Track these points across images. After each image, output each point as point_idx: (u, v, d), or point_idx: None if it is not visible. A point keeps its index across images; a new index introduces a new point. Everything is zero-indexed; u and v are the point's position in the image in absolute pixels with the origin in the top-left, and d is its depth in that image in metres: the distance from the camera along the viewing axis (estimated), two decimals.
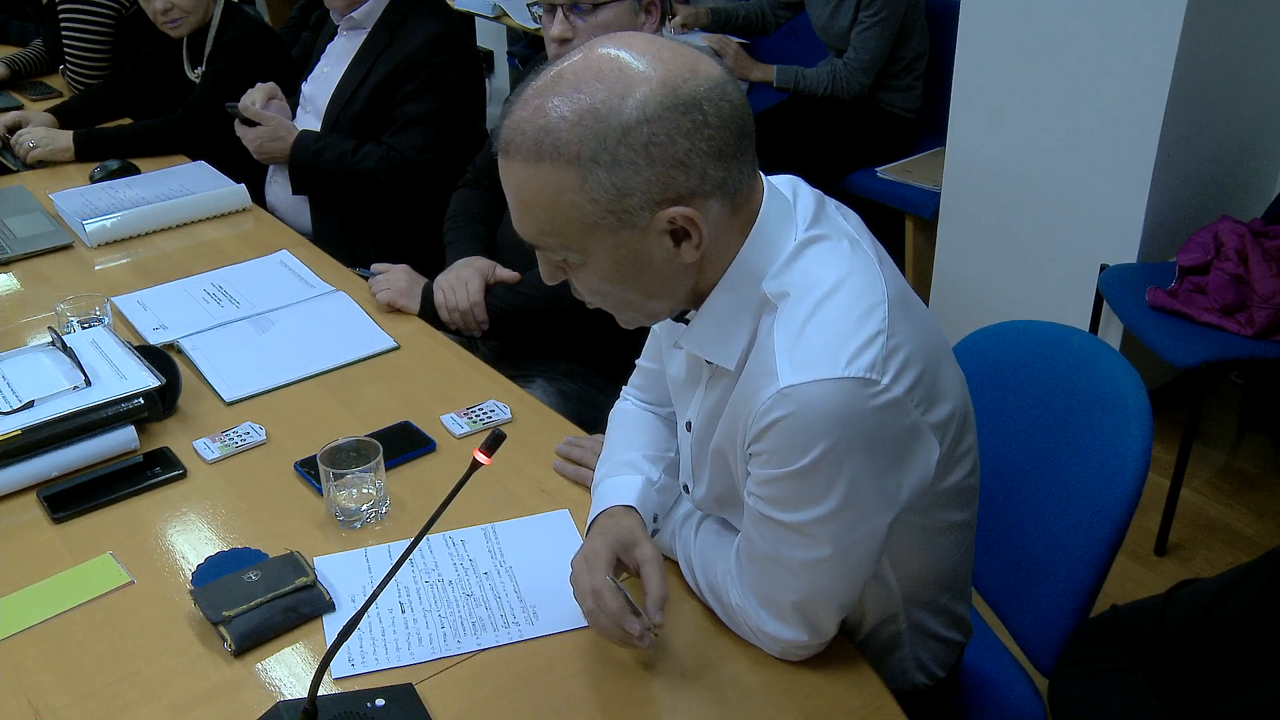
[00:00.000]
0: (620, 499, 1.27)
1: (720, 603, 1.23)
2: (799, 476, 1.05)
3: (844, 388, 1.01)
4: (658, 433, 1.39)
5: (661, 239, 1.04)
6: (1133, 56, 2.62)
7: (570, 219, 1.02)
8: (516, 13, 4.52)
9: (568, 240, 1.04)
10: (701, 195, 1.02)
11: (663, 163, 0.99)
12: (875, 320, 1.04)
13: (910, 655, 1.31)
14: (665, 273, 1.07)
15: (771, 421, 1.03)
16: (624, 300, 1.11)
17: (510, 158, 1.03)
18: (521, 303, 1.97)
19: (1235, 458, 2.94)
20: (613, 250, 1.04)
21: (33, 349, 1.75)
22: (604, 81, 0.99)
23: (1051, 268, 2.99)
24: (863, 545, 1.10)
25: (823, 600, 1.13)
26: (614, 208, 1.01)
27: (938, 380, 1.10)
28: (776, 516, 1.09)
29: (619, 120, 0.98)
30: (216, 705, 1.19)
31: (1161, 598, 1.14)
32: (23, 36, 3.71)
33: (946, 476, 1.15)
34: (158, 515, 1.49)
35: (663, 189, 1.01)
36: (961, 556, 1.29)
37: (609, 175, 0.99)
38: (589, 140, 0.98)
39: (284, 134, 2.48)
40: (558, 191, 1.01)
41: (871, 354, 1.02)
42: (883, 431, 1.05)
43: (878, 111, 3.65)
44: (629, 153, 0.99)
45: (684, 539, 1.29)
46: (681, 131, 0.99)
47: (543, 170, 1.00)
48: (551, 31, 1.86)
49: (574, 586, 1.20)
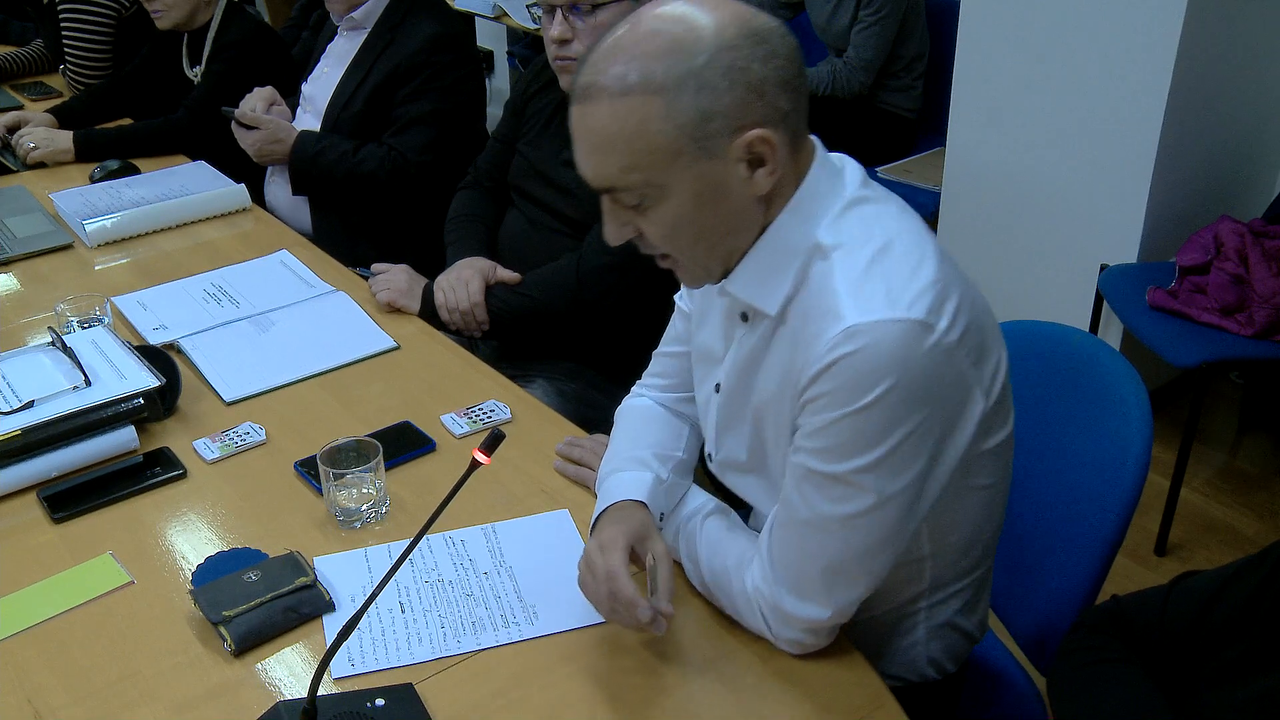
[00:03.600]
0: (631, 494, 1.27)
1: (727, 592, 1.23)
2: (856, 416, 1.06)
3: (906, 329, 1.04)
4: (667, 431, 1.39)
5: (738, 167, 1.08)
6: (1133, 56, 2.62)
7: (655, 147, 1.06)
8: (516, 13, 4.52)
9: (650, 174, 1.07)
10: (773, 123, 1.07)
11: (742, 87, 1.05)
12: (929, 269, 1.09)
13: (924, 644, 1.31)
14: (739, 205, 1.11)
15: (835, 359, 1.05)
16: (698, 239, 1.13)
17: (593, 100, 1.07)
18: (522, 303, 1.97)
19: (1235, 458, 2.94)
20: (693, 181, 1.08)
21: (33, 349, 1.75)
22: (679, 22, 1.06)
23: (1051, 268, 2.99)
24: (903, 498, 1.11)
25: (853, 563, 1.13)
26: (697, 133, 1.05)
27: (985, 335, 1.13)
28: (824, 469, 1.10)
29: (701, 48, 1.04)
30: (216, 705, 1.19)
31: (1163, 589, 1.14)
32: (23, 36, 3.71)
33: (985, 439, 1.17)
34: (158, 515, 1.49)
35: (741, 113, 1.05)
36: (991, 533, 1.30)
37: (694, 100, 1.04)
38: (674, 68, 1.04)
39: (283, 136, 2.48)
40: (643, 121, 1.05)
41: (929, 299, 1.06)
42: (937, 377, 1.07)
43: (878, 111, 3.65)
44: (712, 76, 1.04)
45: (688, 534, 1.29)
46: (757, 58, 1.05)
47: (629, 102, 1.05)
48: (551, 32, 1.86)
49: (587, 575, 1.20)
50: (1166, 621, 1.11)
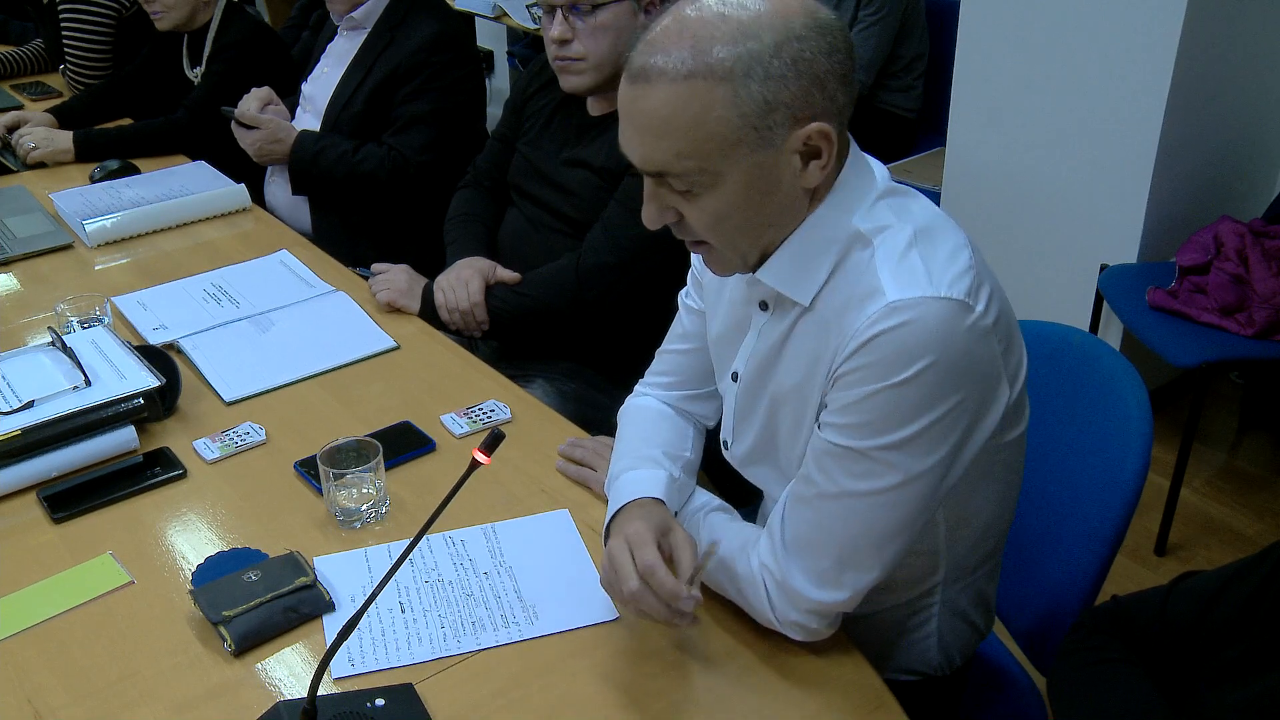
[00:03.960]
0: (648, 491, 1.27)
1: (730, 576, 1.22)
2: (893, 391, 1.06)
3: (948, 307, 1.05)
4: (674, 431, 1.39)
5: (792, 159, 1.07)
6: (1133, 56, 2.62)
7: (714, 135, 1.04)
8: (516, 13, 4.52)
9: (706, 161, 1.05)
10: (828, 116, 1.06)
11: (808, 78, 1.04)
12: (965, 256, 1.10)
13: (936, 635, 1.31)
14: (788, 198, 1.10)
15: (877, 334, 1.05)
16: (741, 230, 1.12)
17: (651, 82, 1.04)
18: (522, 303, 1.97)
19: (1235, 458, 2.94)
20: (748, 171, 1.06)
21: (33, 349, 1.75)
22: (745, 8, 1.04)
23: (1051, 268, 2.99)
24: (928, 479, 1.10)
25: (869, 544, 1.13)
26: (759, 123, 1.04)
27: (1011, 326, 1.14)
28: (852, 444, 1.09)
29: (771, 36, 1.02)
30: (216, 705, 1.19)
31: (1164, 589, 1.14)
32: (23, 36, 3.71)
33: (1007, 431, 1.17)
34: (158, 515, 1.49)
35: (804, 105, 1.04)
36: (1004, 524, 1.30)
37: (761, 88, 1.02)
38: (744, 54, 1.02)
39: (283, 136, 2.48)
40: (706, 107, 1.03)
41: (967, 281, 1.07)
42: (975, 358, 1.08)
43: (878, 111, 3.65)
44: (781, 66, 1.02)
45: (692, 527, 1.28)
46: (823, 50, 1.04)
47: (694, 86, 1.02)
48: (551, 33, 1.86)
49: (611, 572, 1.17)
50: (1166, 622, 1.11)
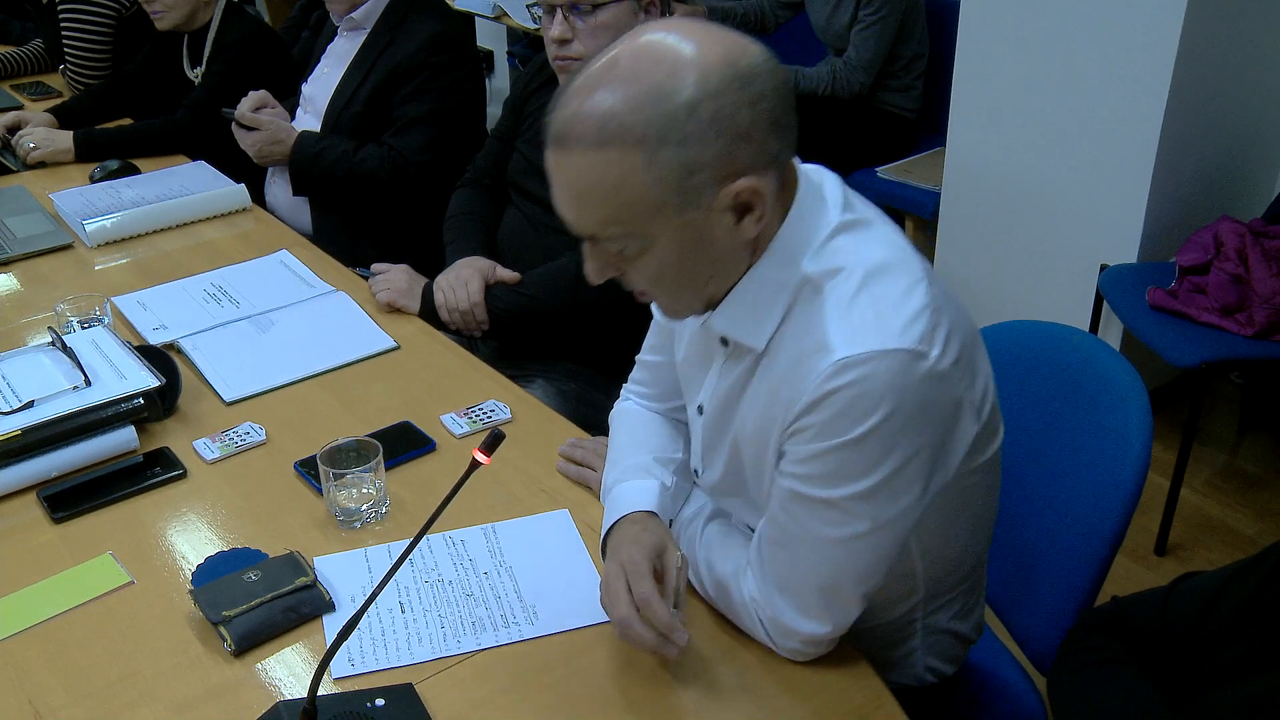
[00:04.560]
0: (641, 505, 1.26)
1: (727, 599, 1.22)
2: (850, 448, 1.04)
3: (899, 359, 1.02)
4: (664, 434, 1.39)
5: (724, 216, 1.03)
6: (1133, 56, 2.62)
7: (636, 202, 1.01)
8: (516, 13, 4.52)
9: (632, 226, 1.03)
10: (761, 168, 1.02)
11: (729, 136, 0.99)
12: (920, 294, 1.06)
13: (921, 649, 1.31)
14: (726, 252, 1.07)
15: (827, 392, 1.03)
16: (682, 285, 1.11)
17: (568, 149, 1.01)
18: (522, 303, 1.97)
19: (1235, 458, 2.95)
20: (677, 232, 1.03)
21: (33, 349, 1.75)
22: (661, 64, 0.99)
23: (1051, 268, 2.99)
24: (899, 523, 1.10)
25: (850, 583, 1.12)
26: (681, 186, 1.00)
27: (975, 356, 1.12)
28: (815, 494, 1.08)
29: (684, 97, 0.97)
30: (216, 705, 1.19)
31: (1163, 590, 1.14)
32: (23, 36, 3.71)
33: (976, 457, 1.16)
34: (158, 515, 1.49)
35: (728, 163, 1.00)
36: (983, 543, 1.30)
37: (677, 153, 0.98)
38: (655, 120, 0.97)
39: (283, 136, 2.48)
40: (623, 175, 0.99)
41: (921, 326, 1.04)
42: (932, 404, 1.05)
43: (877, 111, 3.65)
44: (696, 128, 0.98)
45: (689, 539, 1.28)
46: (744, 103, 0.99)
47: (607, 155, 0.99)
48: (551, 32, 1.86)
49: (605, 596, 1.17)
50: (1166, 622, 1.11)
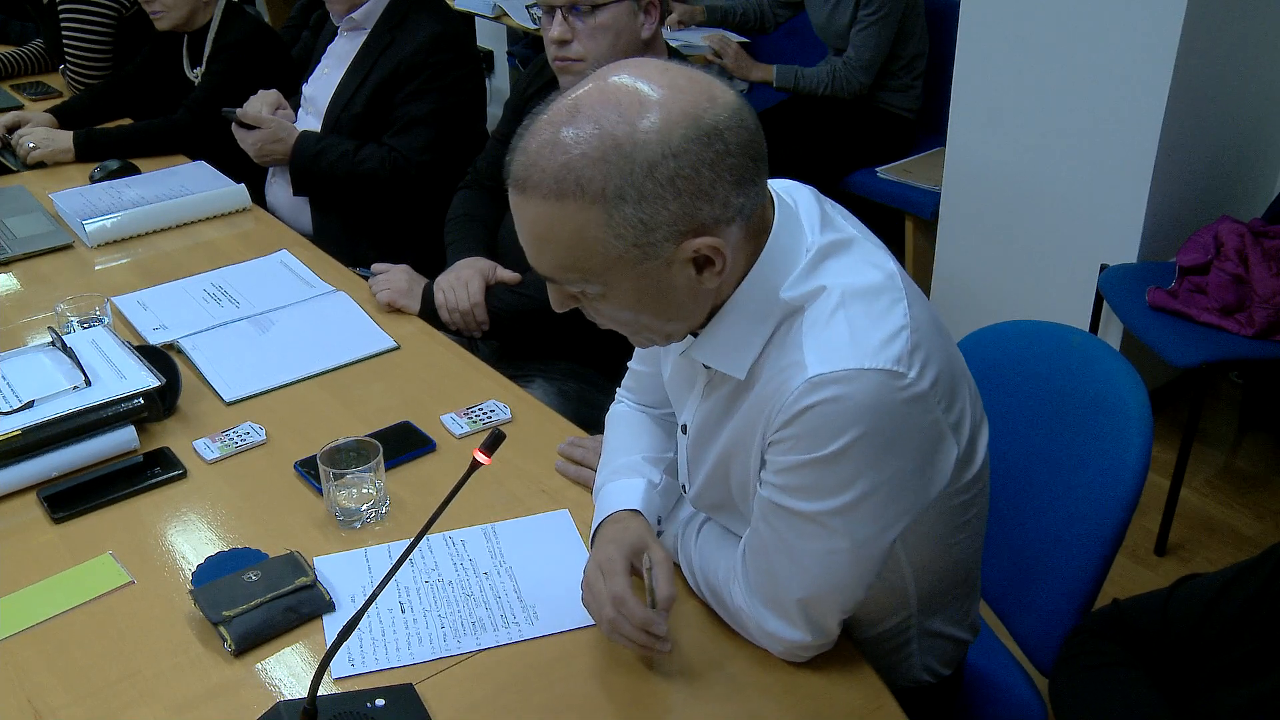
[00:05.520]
0: (624, 503, 1.27)
1: (721, 603, 1.23)
2: (823, 464, 1.04)
3: (874, 378, 1.01)
4: (655, 434, 1.39)
5: (684, 268, 1.03)
6: (1133, 56, 2.62)
7: (592, 254, 1.00)
8: (516, 13, 4.51)
9: (588, 275, 1.03)
10: (723, 223, 1.01)
11: (688, 195, 0.98)
12: (898, 316, 1.05)
13: (918, 653, 1.31)
14: (686, 299, 1.07)
15: (802, 409, 1.03)
16: (642, 325, 1.10)
17: (527, 194, 1.00)
18: (522, 303, 1.97)
19: (1235, 458, 2.94)
20: (635, 280, 1.03)
21: (33, 349, 1.75)
22: (623, 114, 0.97)
23: (1051, 268, 2.99)
24: (877, 542, 1.09)
25: (828, 597, 1.12)
26: (639, 241, 0.99)
27: (954, 378, 1.11)
28: (793, 506, 1.08)
29: (644, 155, 0.96)
30: (216, 705, 1.19)
31: (1164, 592, 1.14)
32: (23, 36, 3.71)
33: (962, 475, 1.15)
34: (158, 515, 1.49)
35: (688, 220, 0.99)
36: (974, 553, 1.29)
37: (635, 210, 0.97)
38: (614, 176, 0.96)
39: (283, 136, 2.48)
40: (580, 228, 0.99)
41: (897, 347, 1.03)
42: (909, 426, 1.05)
43: (877, 111, 3.65)
44: (655, 187, 0.97)
45: (685, 541, 1.29)
46: (706, 163, 0.98)
47: (565, 207, 0.98)
48: (551, 33, 1.86)
49: (589, 596, 1.20)
50: (1167, 624, 1.11)
